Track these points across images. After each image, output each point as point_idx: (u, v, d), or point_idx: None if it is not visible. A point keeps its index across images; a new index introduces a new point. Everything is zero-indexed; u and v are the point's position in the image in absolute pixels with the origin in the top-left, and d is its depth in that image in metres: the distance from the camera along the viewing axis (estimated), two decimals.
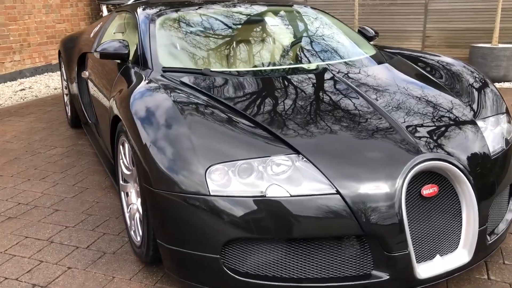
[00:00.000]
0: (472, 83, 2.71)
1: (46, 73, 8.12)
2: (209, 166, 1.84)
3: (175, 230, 1.91)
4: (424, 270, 1.93)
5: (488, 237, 2.12)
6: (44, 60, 8.08)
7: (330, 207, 1.81)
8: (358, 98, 2.33)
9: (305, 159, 1.90)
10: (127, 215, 2.52)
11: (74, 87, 4.20)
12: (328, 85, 2.49)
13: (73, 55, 4.29)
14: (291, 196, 1.81)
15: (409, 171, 1.89)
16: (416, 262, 1.92)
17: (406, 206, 1.89)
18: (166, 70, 2.62)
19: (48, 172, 3.58)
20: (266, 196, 1.81)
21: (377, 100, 2.34)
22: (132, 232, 2.43)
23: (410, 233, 1.89)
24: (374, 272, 1.89)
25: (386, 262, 1.87)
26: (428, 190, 1.94)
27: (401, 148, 1.98)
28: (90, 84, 3.57)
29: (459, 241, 2.03)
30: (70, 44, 4.58)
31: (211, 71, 2.57)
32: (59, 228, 2.71)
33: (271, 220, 1.80)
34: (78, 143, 4.29)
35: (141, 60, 2.76)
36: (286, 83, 2.51)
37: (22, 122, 5.10)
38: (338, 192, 1.82)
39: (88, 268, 2.31)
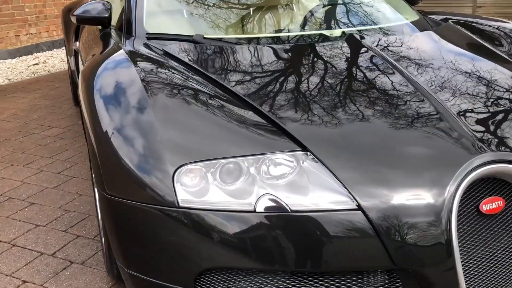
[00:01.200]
0: None
1: (64, 47, 7.76)
2: (180, 166, 1.32)
3: (135, 251, 1.42)
4: None
5: None
6: (62, 33, 7.72)
7: (347, 228, 1.27)
8: (394, 74, 1.75)
9: (314, 158, 1.35)
10: (99, 215, 2.05)
11: (72, 61, 3.76)
12: (354, 57, 1.92)
13: (71, 25, 3.83)
14: (292, 211, 1.28)
15: (464, 178, 1.32)
16: None
17: (458, 228, 1.33)
18: (150, 37, 2.10)
19: (36, 157, 3.17)
20: (256, 211, 1.29)
21: (418, 77, 1.75)
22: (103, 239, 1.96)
23: (462, 266, 1.33)
24: None
25: None
26: (491, 204, 1.36)
27: (452, 144, 1.40)
28: (79, 57, 3.10)
29: None
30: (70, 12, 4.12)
31: (204, 38, 2.03)
32: (28, 227, 2.28)
33: (262, 245, 1.28)
34: (78, 123, 3.86)
35: (125, 26, 2.25)
36: (298, 55, 1.95)
37: (26, 98, 4.73)
38: (359, 207, 1.28)
39: (47, 283, 1.86)
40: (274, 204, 1.29)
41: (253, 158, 1.35)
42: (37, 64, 6.51)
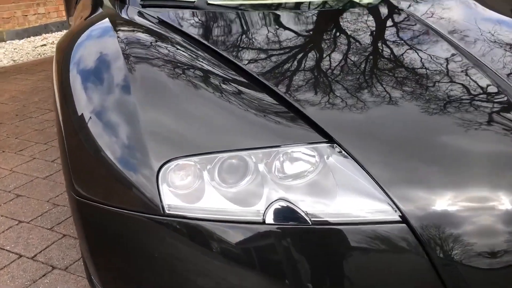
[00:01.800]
0: None
1: None
2: (166, 162, 1.01)
3: (110, 269, 1.12)
4: None
5: None
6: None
7: (387, 248, 0.95)
8: (439, 43, 1.41)
9: (343, 152, 1.03)
10: None
11: None
12: (391, 26, 1.57)
13: (71, 1, 3.52)
14: (313, 224, 0.97)
15: None
16: None
17: None
18: (145, 4, 1.77)
19: (30, 143, 2.90)
20: (266, 222, 0.97)
21: (471, 47, 1.40)
22: None
23: None
24: None
25: None
26: None
27: None
28: None
29: None
30: None
31: (208, 3, 1.70)
32: (10, 223, 2.01)
33: (272, 269, 0.97)
34: None
35: None
36: (322, 24, 1.61)
37: (29, 80, 4.47)
38: (403, 219, 0.95)
39: None
40: (289, 214, 0.97)
41: (262, 151, 1.03)
42: (44, 45, 6.26)
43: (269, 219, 0.97)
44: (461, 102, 1.15)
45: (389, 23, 1.58)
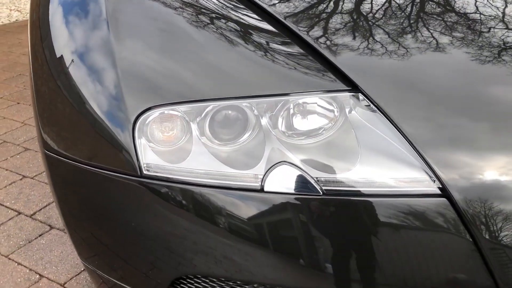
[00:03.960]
0: None
1: None
2: (144, 111, 0.81)
3: (84, 237, 0.95)
4: None
5: None
6: None
7: (422, 226, 0.74)
8: None
9: (371, 105, 0.80)
10: None
11: None
12: None
13: None
14: (325, 194, 0.75)
15: None
16: None
17: None
18: None
19: None
20: (265, 189, 0.77)
21: None
22: None
23: None
24: None
25: None
26: None
27: None
28: None
29: None
30: None
31: None
32: (14, 177, 1.90)
33: (271, 246, 0.77)
34: None
35: None
36: None
37: None
38: (444, 191, 0.73)
39: (15, 253, 1.47)
40: (295, 181, 0.77)
41: (267, 101, 0.82)
42: None
43: (269, 186, 0.76)
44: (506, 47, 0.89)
45: None
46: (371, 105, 0.79)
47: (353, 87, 0.81)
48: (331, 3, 1.01)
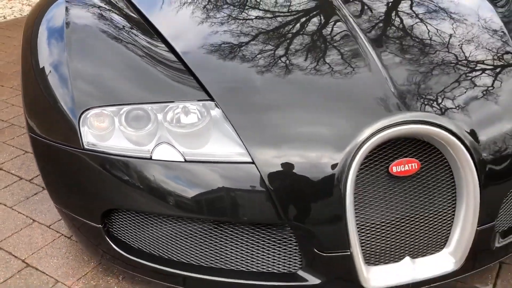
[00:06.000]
0: None
1: None
2: (85, 110, 1.37)
3: (55, 187, 1.52)
4: (379, 276, 1.36)
5: (497, 238, 1.45)
6: None
7: (239, 181, 1.28)
8: (323, 15, 1.63)
9: (220, 109, 1.34)
10: None
11: None
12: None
13: None
14: (186, 161, 1.30)
15: (369, 137, 1.26)
16: (368, 265, 1.36)
17: (358, 188, 1.29)
18: None
19: None
20: (152, 158, 1.32)
21: (357, 17, 1.62)
22: None
23: (358, 226, 1.31)
24: (302, 274, 1.36)
25: (318, 262, 1.33)
26: (402, 166, 1.31)
27: (366, 99, 1.33)
28: None
29: (446, 241, 1.41)
30: None
31: None
32: (18, 153, 2.47)
33: (158, 192, 1.32)
34: None
35: None
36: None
37: None
38: (253, 162, 1.27)
39: (16, 205, 2.04)
40: (170, 153, 1.31)
41: (161, 105, 1.37)
42: None
43: (155, 156, 1.31)
44: (323, 67, 1.41)
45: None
46: (220, 110, 1.33)
47: (212, 99, 1.35)
48: (210, 40, 1.54)
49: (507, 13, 1.76)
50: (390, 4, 1.75)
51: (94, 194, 1.39)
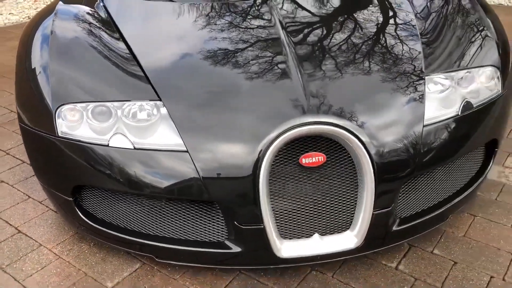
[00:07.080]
0: (454, 11, 2.10)
1: None
2: (60, 105, 1.71)
3: (38, 167, 1.88)
4: (291, 248, 1.66)
5: (397, 223, 1.73)
6: None
7: (176, 165, 1.60)
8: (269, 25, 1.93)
9: (166, 108, 1.67)
10: None
11: None
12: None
13: None
14: (135, 148, 1.63)
15: (281, 133, 1.56)
16: (283, 238, 1.66)
17: (274, 175, 1.60)
18: None
19: None
20: (109, 145, 1.65)
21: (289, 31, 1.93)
22: None
23: (272, 206, 1.61)
24: (228, 243, 1.68)
25: (238, 234, 1.64)
26: (310, 158, 1.60)
27: (280, 100, 1.65)
28: None
29: (351, 223, 1.70)
30: None
31: None
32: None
33: (113, 172, 1.65)
34: None
35: None
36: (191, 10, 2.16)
37: None
38: (187, 151, 1.59)
39: (17, 184, 2.42)
40: (123, 141, 1.64)
41: (120, 103, 1.70)
42: None
43: (111, 144, 1.65)
44: (254, 69, 1.71)
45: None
46: (166, 108, 1.66)
47: (160, 99, 1.68)
48: (166, 49, 1.87)
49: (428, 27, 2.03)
50: (322, 22, 2.05)
51: (66, 173, 1.74)
